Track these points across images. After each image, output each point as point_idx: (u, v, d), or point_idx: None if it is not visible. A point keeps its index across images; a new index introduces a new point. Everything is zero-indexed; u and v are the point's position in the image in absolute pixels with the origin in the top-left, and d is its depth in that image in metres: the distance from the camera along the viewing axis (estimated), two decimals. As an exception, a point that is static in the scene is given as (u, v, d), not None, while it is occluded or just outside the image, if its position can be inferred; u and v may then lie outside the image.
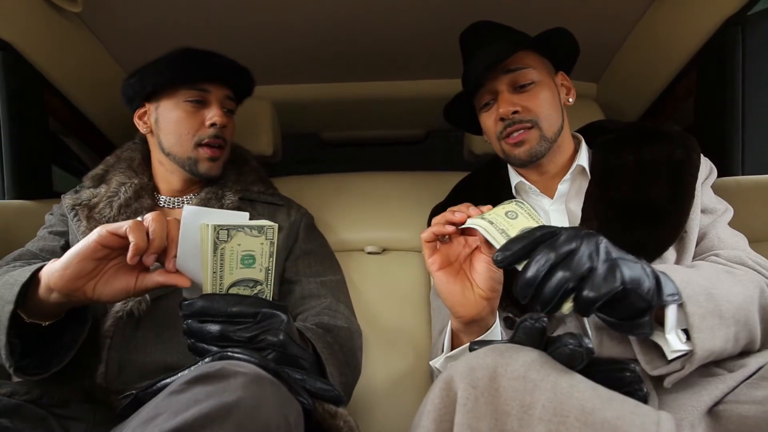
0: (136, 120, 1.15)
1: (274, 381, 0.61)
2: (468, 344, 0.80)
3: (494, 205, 0.79)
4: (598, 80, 1.64)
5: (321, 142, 1.97)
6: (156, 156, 1.14)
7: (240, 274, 0.72)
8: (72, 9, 1.23)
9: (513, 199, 0.77)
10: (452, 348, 0.88)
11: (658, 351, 0.76)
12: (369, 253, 1.39)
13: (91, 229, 0.96)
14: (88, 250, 0.71)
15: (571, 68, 1.13)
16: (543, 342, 0.62)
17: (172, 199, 1.13)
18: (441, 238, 0.81)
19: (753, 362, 0.77)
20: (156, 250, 0.71)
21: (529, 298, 0.63)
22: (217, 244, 0.69)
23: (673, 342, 0.73)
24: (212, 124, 1.07)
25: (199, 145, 1.07)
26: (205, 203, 1.08)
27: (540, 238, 0.65)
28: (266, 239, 0.73)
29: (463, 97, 1.09)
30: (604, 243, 0.65)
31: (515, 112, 0.99)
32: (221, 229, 0.70)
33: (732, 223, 0.98)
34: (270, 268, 0.74)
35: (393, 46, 1.45)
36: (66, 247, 1.05)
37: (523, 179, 1.08)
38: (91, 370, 0.87)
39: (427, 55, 1.46)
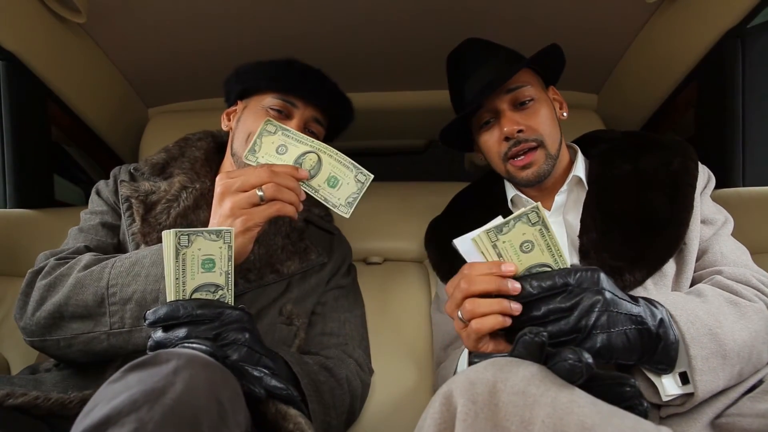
0: (223, 117, 1.13)
1: (207, 363, 0.61)
2: None
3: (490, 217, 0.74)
4: (598, 92, 1.65)
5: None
6: (227, 156, 1.11)
7: (201, 278, 0.73)
8: (76, 20, 1.23)
9: (538, 217, 0.70)
10: None
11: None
12: (369, 263, 1.39)
13: (143, 234, 0.96)
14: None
15: (556, 81, 1.12)
16: (543, 356, 0.62)
17: None
18: None
19: (750, 376, 0.77)
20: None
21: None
22: (178, 250, 0.71)
23: (668, 386, 0.74)
24: None
25: None
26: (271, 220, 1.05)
27: (545, 290, 0.68)
28: (224, 243, 0.74)
29: (459, 119, 1.06)
30: (603, 305, 0.67)
31: (520, 131, 0.99)
32: (182, 235, 0.71)
33: (733, 235, 0.98)
34: (229, 271, 0.75)
35: (394, 57, 1.45)
36: (118, 246, 1.01)
37: (519, 192, 1.08)
38: (98, 376, 0.86)
39: (428, 67, 1.46)
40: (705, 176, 1.00)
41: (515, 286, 0.68)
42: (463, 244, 0.73)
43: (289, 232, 1.08)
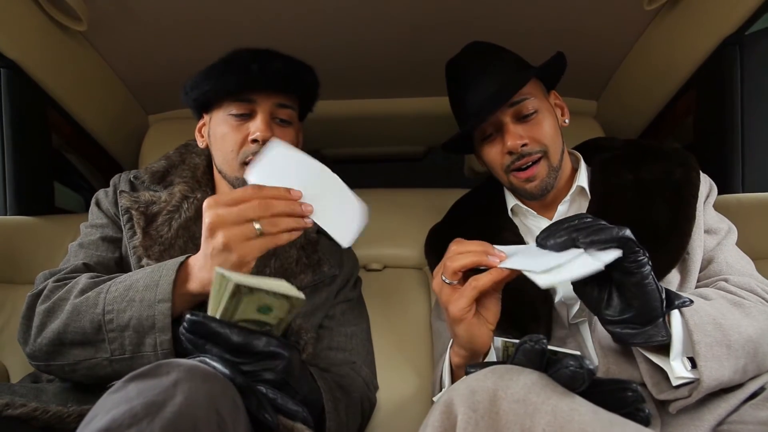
0: (196, 134, 1.09)
1: (208, 375, 0.60)
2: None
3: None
4: (598, 98, 1.65)
5: (322, 159, 1.97)
6: (215, 173, 1.07)
7: (253, 316, 0.67)
8: (77, 28, 1.24)
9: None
10: (453, 381, 0.87)
11: (664, 374, 0.76)
12: (369, 270, 1.39)
13: (145, 247, 0.94)
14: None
15: (555, 85, 1.11)
16: (543, 363, 0.62)
17: None
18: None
19: (752, 383, 0.77)
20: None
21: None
22: (236, 293, 0.64)
23: (677, 369, 0.73)
24: (254, 140, 0.96)
25: (244, 163, 0.97)
26: None
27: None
28: (291, 305, 0.68)
29: (463, 133, 1.03)
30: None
31: (524, 145, 0.97)
32: (244, 287, 0.64)
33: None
34: (285, 320, 0.70)
35: (393, 64, 1.46)
36: (120, 261, 0.98)
37: (519, 203, 1.07)
38: (100, 390, 0.85)
39: (427, 74, 1.47)
40: (707, 186, 0.99)
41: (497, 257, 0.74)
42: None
43: (304, 244, 1.06)
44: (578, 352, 0.62)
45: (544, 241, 0.72)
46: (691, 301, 0.73)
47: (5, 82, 1.33)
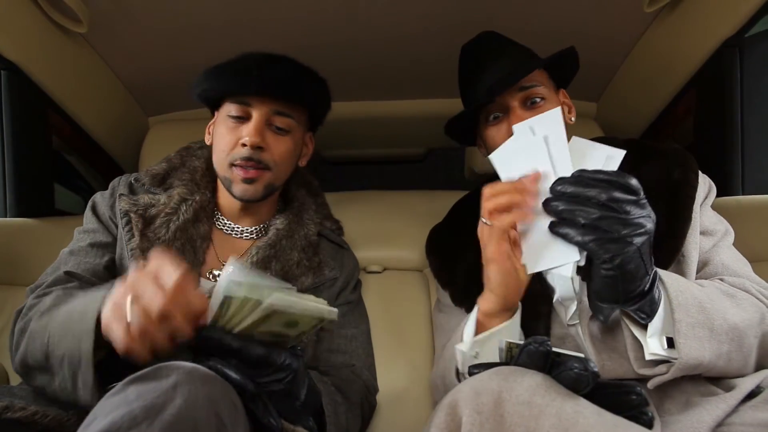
0: (206, 130, 1.11)
1: (207, 377, 0.60)
2: (499, 327, 0.82)
3: None
4: (597, 100, 1.65)
5: (322, 161, 1.98)
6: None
7: (276, 329, 0.67)
8: (77, 29, 1.24)
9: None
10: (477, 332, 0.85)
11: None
12: (369, 272, 1.39)
13: (143, 249, 0.94)
14: None
15: (567, 86, 1.12)
16: (547, 365, 0.62)
17: (234, 226, 1.06)
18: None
19: (748, 381, 0.77)
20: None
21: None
22: (268, 315, 0.64)
23: (652, 345, 0.76)
24: (243, 144, 0.96)
25: (232, 165, 0.98)
26: (287, 233, 1.02)
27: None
28: (320, 323, 0.69)
29: (468, 112, 1.04)
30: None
31: None
32: (281, 304, 0.63)
33: (733, 244, 0.98)
34: (306, 333, 0.71)
35: (394, 66, 1.46)
36: (111, 264, 0.97)
37: None
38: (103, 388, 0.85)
39: (427, 76, 1.47)
40: (706, 187, 0.99)
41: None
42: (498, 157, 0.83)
43: (305, 247, 1.06)
44: (582, 354, 0.62)
45: (556, 188, 0.74)
46: (648, 318, 0.76)
47: (5, 84, 1.33)
